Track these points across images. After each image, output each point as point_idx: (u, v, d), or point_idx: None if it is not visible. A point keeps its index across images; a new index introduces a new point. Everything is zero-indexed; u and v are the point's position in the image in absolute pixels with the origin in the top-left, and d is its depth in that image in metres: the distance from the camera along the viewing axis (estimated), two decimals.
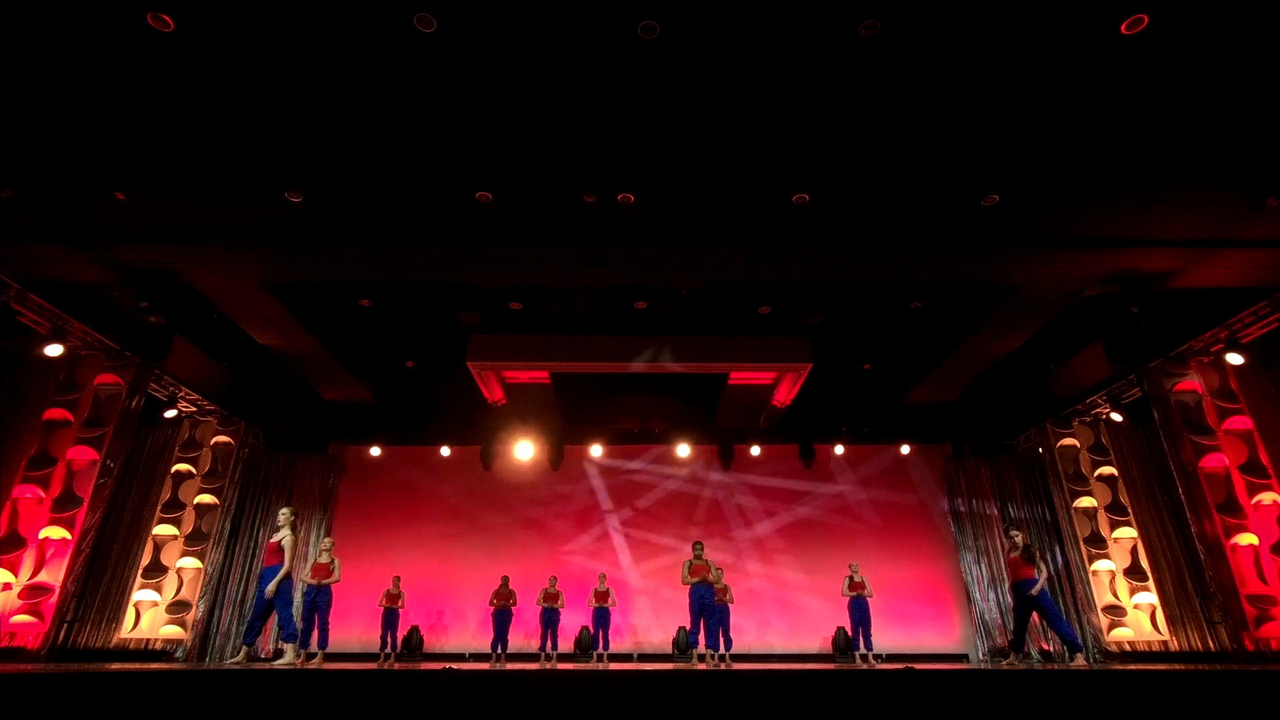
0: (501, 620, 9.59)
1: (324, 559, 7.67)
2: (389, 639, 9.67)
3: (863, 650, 9.22)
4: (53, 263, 7.46)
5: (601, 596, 9.80)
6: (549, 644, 9.45)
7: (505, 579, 9.90)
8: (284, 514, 7.05)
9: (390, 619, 9.76)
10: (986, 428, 11.78)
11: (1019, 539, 7.61)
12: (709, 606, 8.12)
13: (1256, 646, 7.36)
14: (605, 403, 11.57)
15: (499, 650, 9.53)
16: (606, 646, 9.66)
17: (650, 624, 11.15)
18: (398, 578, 10.11)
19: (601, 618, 9.72)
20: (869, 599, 9.37)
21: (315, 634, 7.59)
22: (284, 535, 6.90)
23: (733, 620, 9.36)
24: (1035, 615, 10.39)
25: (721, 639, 8.69)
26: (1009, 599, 10.74)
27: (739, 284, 8.11)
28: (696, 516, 11.94)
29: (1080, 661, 7.37)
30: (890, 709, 3.98)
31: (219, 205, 6.69)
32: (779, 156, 6.03)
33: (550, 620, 9.57)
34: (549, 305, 8.58)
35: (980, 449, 11.88)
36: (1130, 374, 8.86)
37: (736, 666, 6.57)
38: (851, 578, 9.50)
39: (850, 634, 9.53)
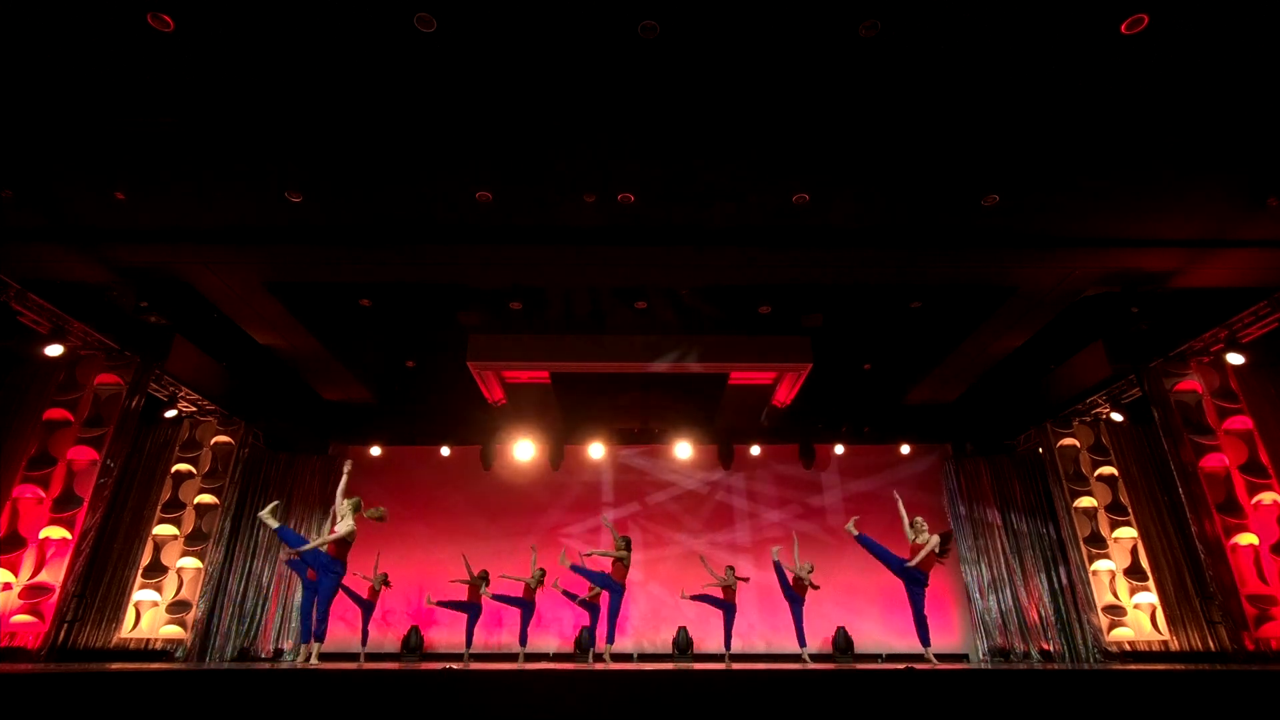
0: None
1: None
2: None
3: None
4: (53, 263, 7.45)
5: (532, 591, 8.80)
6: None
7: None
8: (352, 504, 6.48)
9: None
10: (986, 428, 11.78)
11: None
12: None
13: (1256, 646, 7.36)
14: (605, 403, 11.56)
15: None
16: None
17: (650, 624, 11.15)
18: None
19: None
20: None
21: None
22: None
23: (733, 620, 9.32)
24: (1036, 616, 10.45)
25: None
26: (1008, 600, 10.77)
27: (739, 284, 8.10)
28: (697, 516, 11.94)
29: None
30: (890, 709, 3.98)
31: (219, 205, 6.68)
32: (779, 156, 6.03)
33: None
34: (549, 305, 8.57)
35: (980, 449, 11.87)
36: (1130, 374, 8.85)
37: (736, 666, 6.56)
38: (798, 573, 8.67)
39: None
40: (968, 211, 6.70)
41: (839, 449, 11.97)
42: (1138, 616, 9.55)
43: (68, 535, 7.79)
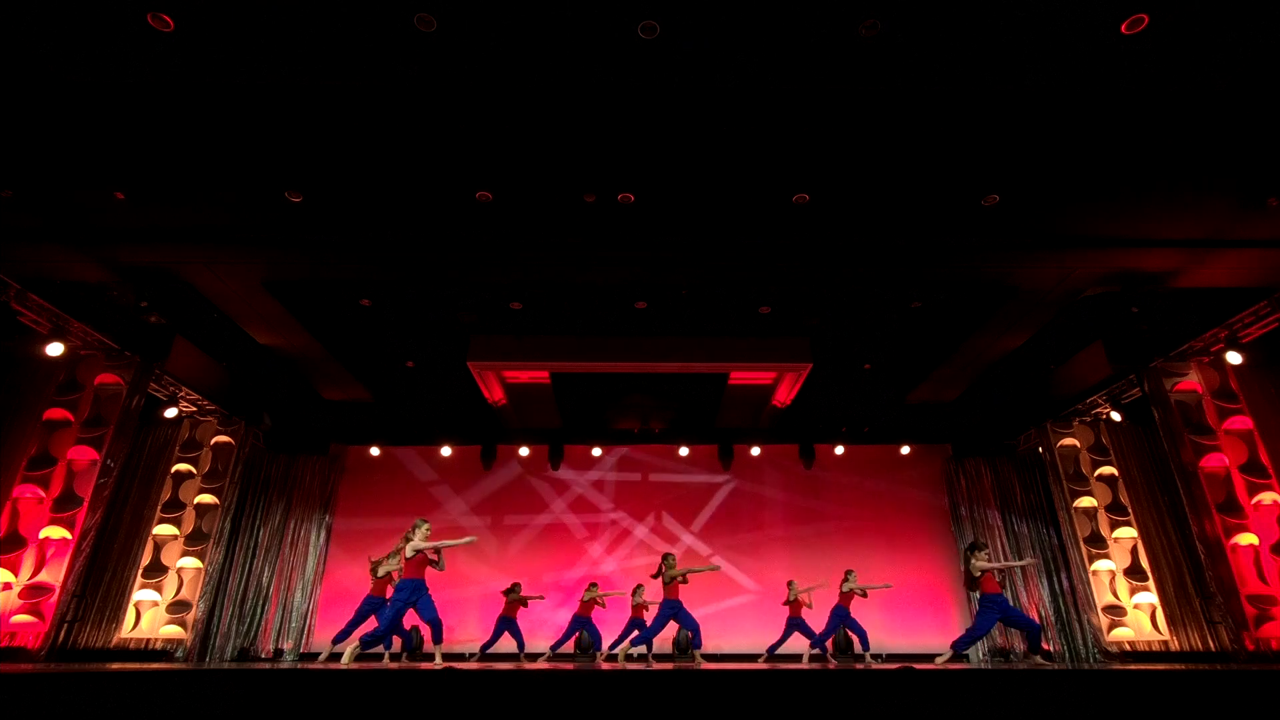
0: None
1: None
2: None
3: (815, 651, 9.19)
4: (53, 263, 7.45)
5: (587, 606, 9.65)
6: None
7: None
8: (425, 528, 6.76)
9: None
10: (986, 428, 11.77)
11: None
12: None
13: (1257, 646, 7.36)
14: (605, 403, 11.57)
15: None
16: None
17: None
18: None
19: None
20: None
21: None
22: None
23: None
24: (1037, 616, 10.46)
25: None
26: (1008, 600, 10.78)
27: (739, 284, 8.11)
28: (697, 517, 11.93)
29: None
30: (890, 709, 3.98)
31: (219, 205, 6.68)
32: (779, 156, 6.03)
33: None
34: (549, 305, 8.57)
35: (980, 449, 11.87)
36: (1130, 374, 8.85)
37: (736, 667, 6.56)
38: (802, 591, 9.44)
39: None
40: (968, 211, 6.69)
41: (839, 449, 11.97)
42: (1138, 616, 9.55)
43: (68, 535, 7.78)
